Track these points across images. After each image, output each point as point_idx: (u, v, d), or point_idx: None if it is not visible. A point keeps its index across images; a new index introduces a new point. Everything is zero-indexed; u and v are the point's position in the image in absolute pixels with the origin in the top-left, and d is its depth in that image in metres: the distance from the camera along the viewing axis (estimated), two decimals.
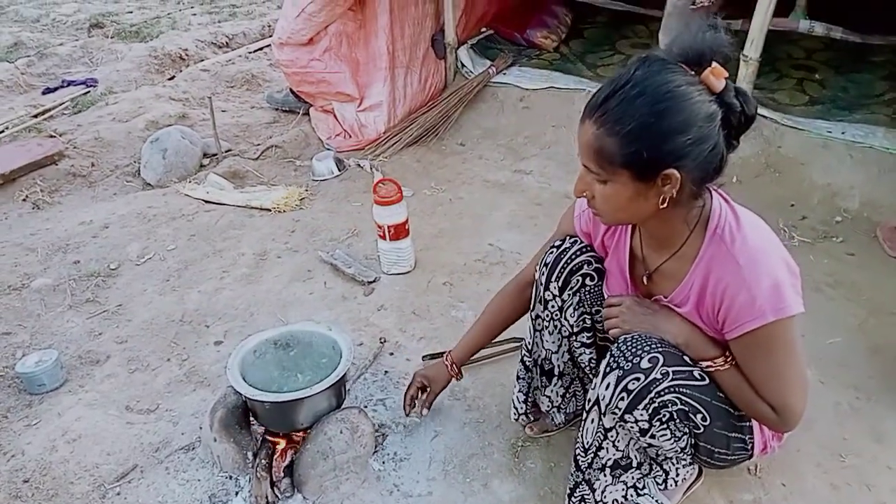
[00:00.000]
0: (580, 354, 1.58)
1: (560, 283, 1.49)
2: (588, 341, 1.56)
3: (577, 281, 1.48)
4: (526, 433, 1.78)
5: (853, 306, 2.23)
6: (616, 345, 1.29)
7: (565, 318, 1.53)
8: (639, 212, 1.19)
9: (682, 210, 1.21)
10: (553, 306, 1.52)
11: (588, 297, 1.50)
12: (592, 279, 1.49)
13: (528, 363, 1.67)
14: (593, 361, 1.58)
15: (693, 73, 1.11)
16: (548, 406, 1.72)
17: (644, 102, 1.08)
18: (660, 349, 1.25)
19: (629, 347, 1.26)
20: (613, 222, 1.34)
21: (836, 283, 2.34)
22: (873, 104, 3.14)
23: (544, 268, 1.51)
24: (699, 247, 1.22)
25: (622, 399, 1.26)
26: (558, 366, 1.63)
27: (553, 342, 1.59)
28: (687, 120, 1.08)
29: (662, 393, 1.23)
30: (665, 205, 1.15)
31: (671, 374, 1.23)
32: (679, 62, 1.11)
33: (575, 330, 1.54)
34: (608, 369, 1.28)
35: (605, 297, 1.47)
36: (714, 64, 1.10)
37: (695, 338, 1.27)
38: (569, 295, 1.50)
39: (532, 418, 1.78)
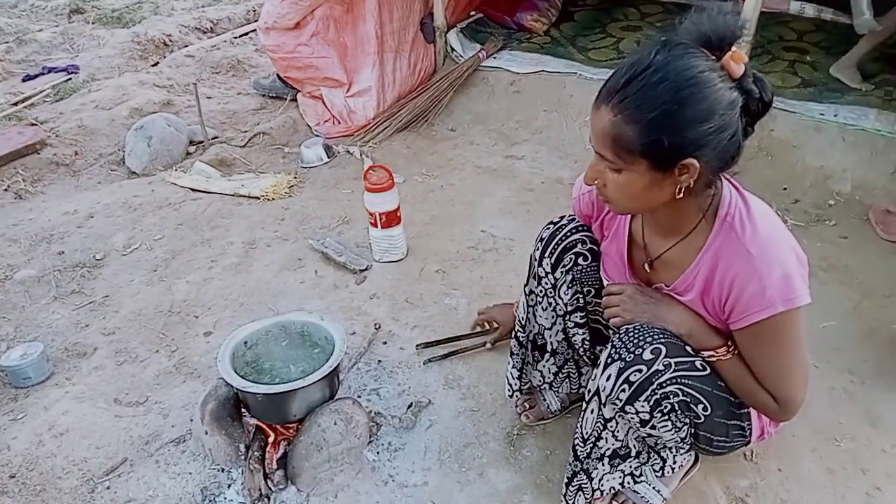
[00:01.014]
0: (573, 335, 1.57)
1: (552, 261, 1.48)
2: (581, 321, 1.55)
3: (570, 259, 1.47)
4: (522, 421, 1.76)
5: (846, 290, 2.22)
6: (617, 335, 1.27)
7: (559, 296, 1.52)
8: (653, 201, 1.16)
9: (696, 199, 1.18)
10: (546, 283, 1.52)
11: (581, 276, 1.49)
12: (586, 259, 1.48)
13: (521, 339, 1.66)
14: (587, 343, 1.57)
15: (714, 57, 1.07)
16: (539, 381, 1.71)
17: (666, 89, 1.04)
18: (661, 340, 1.23)
19: (630, 338, 1.24)
20: (625, 211, 1.31)
21: (830, 267, 2.34)
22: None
23: (539, 243, 1.50)
24: (707, 235, 1.20)
25: (623, 391, 1.24)
26: (551, 343, 1.62)
27: (547, 318, 1.58)
28: (710, 107, 1.04)
29: (664, 384, 1.21)
30: (681, 195, 1.12)
31: (673, 365, 1.21)
32: (699, 46, 1.07)
33: (569, 309, 1.53)
34: (609, 360, 1.26)
35: (605, 283, 1.45)
36: (733, 48, 1.07)
37: (697, 327, 1.25)
38: (561, 273, 1.49)
39: (528, 406, 1.77)
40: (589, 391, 1.36)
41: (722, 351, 1.24)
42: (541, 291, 1.54)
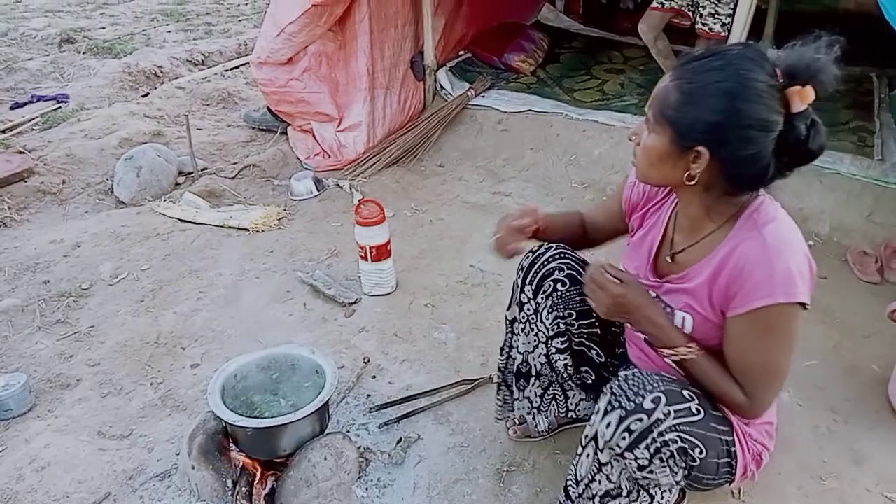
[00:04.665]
0: (556, 361, 1.61)
1: (533, 287, 1.54)
2: (562, 346, 1.59)
3: (549, 286, 1.52)
4: (509, 435, 1.80)
5: (827, 329, 2.27)
6: (617, 382, 1.28)
7: (541, 321, 1.56)
8: (666, 175, 1.23)
9: (713, 200, 1.24)
10: (528, 309, 1.57)
11: (560, 301, 1.53)
12: (564, 284, 1.52)
13: (503, 370, 1.71)
14: (569, 368, 1.62)
15: (782, 81, 1.12)
16: (528, 408, 1.74)
17: (718, 76, 1.11)
18: (662, 388, 1.24)
19: (630, 386, 1.25)
20: (643, 177, 1.33)
21: (811, 307, 2.38)
22: (839, 132, 3.24)
23: (521, 271, 1.56)
24: (729, 231, 1.25)
25: (623, 438, 1.25)
26: (535, 366, 1.65)
27: (529, 343, 1.62)
28: (745, 113, 1.10)
29: (665, 433, 1.23)
30: (692, 182, 1.19)
31: (673, 413, 1.23)
32: (777, 67, 1.13)
33: (550, 334, 1.57)
34: (609, 408, 1.26)
35: (622, 267, 1.47)
36: (807, 86, 1.11)
37: (663, 324, 1.29)
38: (542, 298, 1.54)
39: (518, 422, 1.82)
40: (586, 436, 1.37)
41: (683, 350, 1.28)
42: (523, 317, 1.59)
